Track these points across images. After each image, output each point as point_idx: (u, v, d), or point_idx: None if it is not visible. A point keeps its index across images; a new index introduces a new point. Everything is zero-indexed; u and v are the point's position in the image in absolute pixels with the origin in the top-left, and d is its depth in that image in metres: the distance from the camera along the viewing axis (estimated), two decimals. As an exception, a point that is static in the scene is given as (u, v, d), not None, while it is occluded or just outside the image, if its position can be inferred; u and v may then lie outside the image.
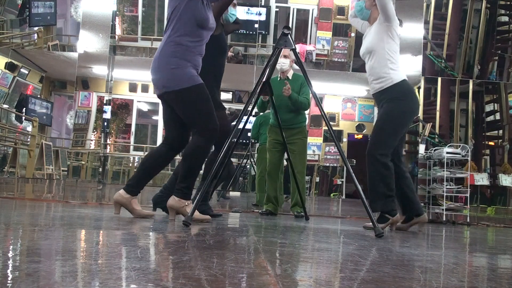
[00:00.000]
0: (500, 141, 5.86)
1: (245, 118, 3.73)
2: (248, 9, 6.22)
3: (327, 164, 6.74)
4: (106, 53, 5.82)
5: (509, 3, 6.10)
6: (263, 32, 6.30)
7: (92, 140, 6.10)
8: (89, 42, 5.87)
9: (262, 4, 6.30)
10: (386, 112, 3.23)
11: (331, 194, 6.71)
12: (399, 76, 3.25)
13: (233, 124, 5.44)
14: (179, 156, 3.12)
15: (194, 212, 2.63)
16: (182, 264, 1.35)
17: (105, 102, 6.09)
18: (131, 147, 6.88)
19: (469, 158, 5.14)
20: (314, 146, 6.71)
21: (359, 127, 6.85)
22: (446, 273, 1.59)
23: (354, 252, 1.96)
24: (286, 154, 4.26)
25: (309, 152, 6.24)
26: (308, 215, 4.03)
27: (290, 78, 4.37)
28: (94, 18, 5.85)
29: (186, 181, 2.82)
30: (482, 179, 5.50)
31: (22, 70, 6.14)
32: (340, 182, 6.70)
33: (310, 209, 5.32)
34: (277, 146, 4.36)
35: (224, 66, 3.45)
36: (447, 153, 4.95)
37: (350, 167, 2.81)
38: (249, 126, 5.52)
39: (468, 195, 4.99)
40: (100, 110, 6.07)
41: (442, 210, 4.97)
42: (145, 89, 6.88)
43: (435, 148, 5.30)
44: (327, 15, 6.40)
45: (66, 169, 5.96)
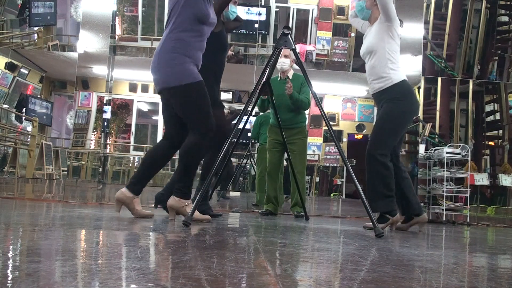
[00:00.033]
0: (500, 141, 5.86)
1: (245, 118, 3.73)
2: (248, 9, 6.22)
3: (327, 164, 6.74)
4: (106, 53, 5.82)
5: (509, 3, 6.10)
6: (263, 32, 6.30)
7: (92, 140, 6.10)
8: (89, 42, 5.88)
9: (262, 4, 6.30)
10: (386, 112, 3.23)
11: (331, 194, 6.71)
12: (399, 76, 3.24)
13: (233, 123, 5.46)
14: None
15: (194, 212, 2.63)
16: (182, 264, 1.35)
17: (105, 102, 6.09)
18: (131, 147, 6.88)
19: (469, 158, 5.15)
20: (314, 146, 6.71)
21: (359, 127, 6.85)
22: (446, 273, 1.59)
23: (354, 252, 1.96)
24: (286, 154, 4.26)
25: (309, 152, 6.24)
26: (308, 215, 4.03)
27: (290, 78, 4.37)
28: (94, 18, 5.85)
29: (184, 180, 2.81)
30: (482, 179, 5.50)
31: (22, 70, 6.14)
32: (340, 182, 6.70)
33: (310, 209, 5.32)
34: (277, 146, 4.36)
35: (224, 64, 3.45)
36: (447, 153, 4.95)
37: (350, 167, 2.81)
38: (249, 126, 5.53)
39: (468, 195, 4.99)
40: (100, 110, 6.07)
41: (442, 210, 4.97)
42: (145, 89, 6.88)
43: (435, 148, 5.30)
44: (327, 15, 6.40)
45: (66, 169, 5.96)
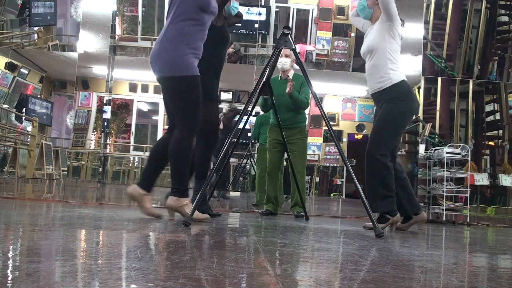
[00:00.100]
0: (500, 141, 5.86)
1: (245, 118, 3.73)
2: (248, 9, 6.21)
3: (327, 164, 6.74)
4: (106, 53, 5.82)
5: (509, 3, 6.10)
6: (263, 32, 6.29)
7: (92, 140, 6.10)
8: (89, 42, 5.87)
9: (262, 4, 6.30)
10: (385, 112, 3.23)
11: (331, 194, 6.71)
12: (399, 76, 3.24)
13: (234, 120, 5.45)
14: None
15: (194, 212, 2.63)
16: (182, 264, 1.35)
17: (105, 102, 6.09)
18: (131, 147, 6.88)
19: (469, 158, 5.14)
20: (314, 146, 6.71)
21: (359, 127, 6.85)
22: (446, 273, 1.59)
23: (354, 252, 1.95)
24: (286, 154, 4.26)
25: (309, 152, 6.24)
26: (308, 215, 4.03)
27: (291, 77, 4.37)
28: (94, 18, 5.84)
29: (178, 178, 2.80)
30: (482, 179, 5.50)
31: (22, 70, 6.14)
32: (340, 182, 6.70)
33: (310, 209, 5.32)
34: (277, 146, 4.36)
35: (224, 58, 3.47)
36: (447, 153, 4.95)
37: (350, 167, 2.81)
38: (249, 126, 5.53)
39: (468, 195, 4.99)
40: (100, 110, 6.07)
41: (442, 210, 4.97)
42: (145, 89, 6.88)
43: (435, 148, 5.30)
44: (327, 15, 6.40)
45: (66, 169, 5.96)
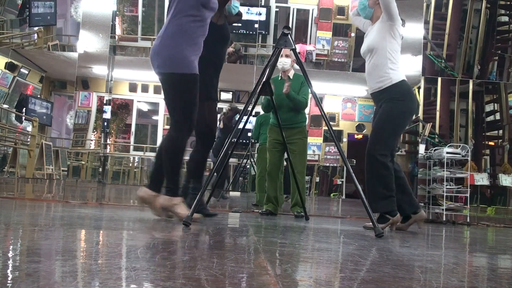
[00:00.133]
0: (500, 141, 5.86)
1: (245, 118, 3.73)
2: (248, 9, 6.21)
3: (327, 164, 6.74)
4: (106, 53, 5.82)
5: (509, 3, 6.10)
6: (263, 32, 6.29)
7: (92, 140, 6.10)
8: (89, 42, 5.87)
9: (262, 4, 6.30)
10: (385, 112, 3.22)
11: (331, 194, 6.71)
12: (399, 76, 3.24)
13: (234, 120, 5.45)
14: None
15: (194, 212, 2.62)
16: (182, 264, 1.35)
17: (105, 102, 6.09)
18: (131, 147, 6.88)
19: (469, 158, 5.14)
20: (314, 146, 6.71)
21: (359, 127, 6.85)
22: (446, 273, 1.58)
23: (354, 252, 1.95)
24: (286, 154, 4.26)
25: (309, 152, 6.24)
26: (308, 215, 4.03)
27: (291, 77, 4.37)
28: (94, 18, 5.84)
29: (172, 178, 2.79)
30: (482, 179, 5.50)
31: (22, 70, 6.14)
32: (340, 182, 6.70)
33: (310, 209, 5.32)
34: (277, 146, 4.36)
35: (224, 57, 3.47)
36: (447, 153, 4.95)
37: (350, 167, 2.81)
38: (249, 126, 5.53)
39: (468, 195, 4.99)
40: (100, 110, 6.07)
41: (442, 210, 4.97)
42: (145, 89, 6.87)
43: (435, 148, 5.30)
44: (327, 15, 6.40)
45: (66, 169, 5.96)
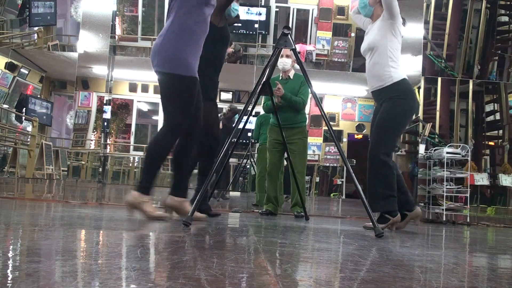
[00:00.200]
0: (500, 141, 5.86)
1: (245, 118, 3.73)
2: (248, 9, 6.22)
3: (327, 164, 6.74)
4: (106, 53, 5.82)
5: (509, 3, 6.10)
6: (263, 32, 6.30)
7: (92, 140, 6.10)
8: (89, 42, 5.87)
9: (262, 4, 6.30)
10: (386, 111, 3.22)
11: (331, 194, 6.71)
12: (399, 74, 3.24)
13: (233, 120, 5.46)
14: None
15: (194, 212, 2.63)
16: (182, 264, 1.35)
17: (105, 102, 6.09)
18: (131, 147, 6.88)
19: (469, 158, 5.14)
20: (314, 146, 6.71)
21: (359, 127, 6.86)
22: (446, 273, 1.58)
23: (354, 252, 1.95)
24: (286, 154, 4.26)
25: (309, 152, 6.24)
26: (308, 215, 4.03)
27: (291, 77, 4.38)
28: (94, 18, 5.84)
29: (147, 174, 2.78)
30: (482, 179, 5.50)
31: (22, 70, 6.14)
32: (340, 182, 6.71)
33: (310, 209, 5.32)
34: (277, 146, 4.36)
35: (224, 58, 3.49)
36: (447, 153, 4.95)
37: (350, 167, 2.81)
38: (249, 126, 5.53)
39: (468, 195, 4.99)
40: (100, 110, 6.07)
41: (442, 210, 4.97)
42: (145, 89, 6.88)
43: (435, 148, 5.30)
44: (327, 15, 6.40)
45: (66, 169, 5.96)
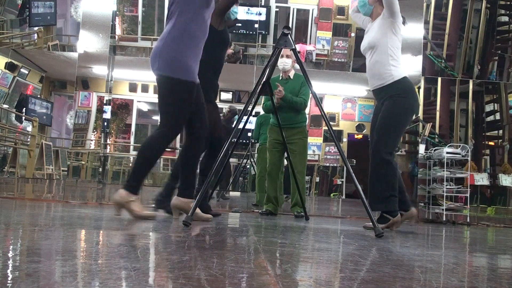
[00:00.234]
0: (500, 141, 5.86)
1: (245, 118, 3.74)
2: (248, 9, 6.22)
3: (327, 164, 6.74)
4: (106, 53, 5.82)
5: (509, 3, 6.10)
6: (263, 32, 6.30)
7: (92, 140, 6.10)
8: (89, 42, 5.88)
9: (262, 4, 6.30)
10: (387, 110, 3.22)
11: (331, 194, 6.71)
12: (400, 73, 3.23)
13: (233, 120, 5.45)
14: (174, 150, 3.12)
15: (194, 211, 2.62)
16: (182, 264, 1.35)
17: (105, 102, 6.09)
18: (131, 147, 6.88)
19: (469, 158, 5.14)
20: (314, 146, 6.71)
21: (359, 127, 6.86)
22: (446, 273, 1.58)
23: (354, 252, 1.95)
24: (286, 154, 4.27)
25: (309, 152, 6.24)
26: (308, 215, 4.03)
27: (291, 78, 4.37)
28: (94, 18, 5.84)
29: (136, 174, 2.78)
30: (482, 179, 5.50)
31: (22, 70, 6.14)
32: (340, 182, 6.71)
33: (310, 209, 5.32)
34: (277, 146, 4.36)
35: (224, 60, 3.50)
36: (447, 153, 4.95)
37: (350, 167, 2.81)
38: (249, 126, 5.53)
39: (468, 195, 4.98)
40: (100, 110, 6.07)
41: (442, 210, 4.97)
42: (145, 89, 6.88)
43: (435, 148, 5.30)
44: (327, 15, 6.40)
45: (66, 169, 5.96)
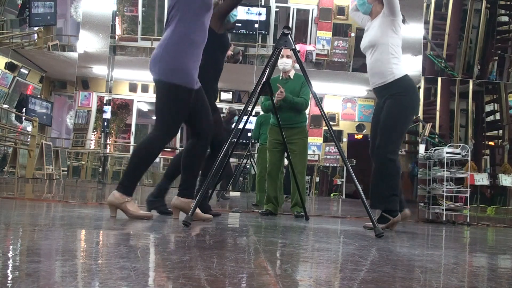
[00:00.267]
0: (500, 141, 5.86)
1: (245, 118, 3.74)
2: (248, 9, 6.22)
3: (327, 164, 6.74)
4: (106, 53, 5.82)
5: (509, 3, 6.10)
6: (263, 32, 6.29)
7: (92, 140, 6.10)
8: (89, 42, 5.88)
9: (262, 4, 6.30)
10: (389, 109, 3.21)
11: (331, 194, 6.71)
12: (401, 71, 3.23)
13: (232, 121, 5.47)
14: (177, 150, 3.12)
15: (194, 211, 2.62)
16: (182, 264, 1.35)
17: (105, 102, 6.09)
18: (131, 147, 6.88)
19: (469, 158, 5.14)
20: (314, 146, 6.71)
21: (359, 127, 6.85)
22: (446, 273, 1.58)
23: (354, 252, 1.95)
24: (286, 154, 4.26)
25: (309, 152, 6.24)
26: (308, 215, 4.03)
27: (292, 78, 4.37)
28: (94, 18, 5.85)
29: (130, 174, 2.78)
30: (482, 179, 5.50)
31: (22, 70, 6.14)
32: (340, 182, 6.70)
33: (310, 209, 5.32)
34: (277, 146, 4.36)
35: (223, 64, 3.51)
36: (447, 153, 4.95)
37: (350, 167, 2.81)
38: (249, 126, 5.54)
39: (468, 195, 4.99)
40: (100, 110, 6.07)
41: (442, 210, 4.97)
42: (145, 89, 6.88)
43: (435, 148, 5.30)
44: (327, 15, 6.40)
45: (66, 169, 5.96)
